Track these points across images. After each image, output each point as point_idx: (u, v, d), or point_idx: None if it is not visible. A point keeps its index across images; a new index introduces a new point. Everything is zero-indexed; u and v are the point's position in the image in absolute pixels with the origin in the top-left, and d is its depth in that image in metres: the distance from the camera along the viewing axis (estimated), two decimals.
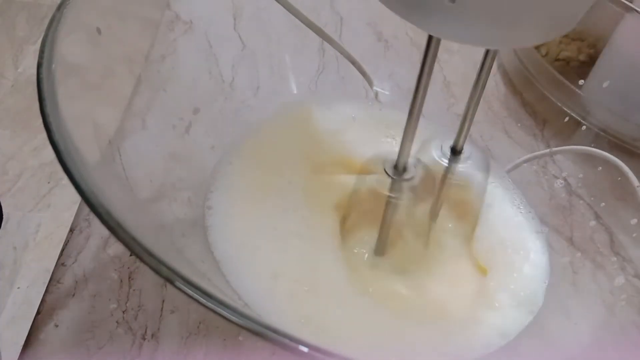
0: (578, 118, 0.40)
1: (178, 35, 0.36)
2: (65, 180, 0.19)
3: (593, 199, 0.35)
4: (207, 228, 0.31)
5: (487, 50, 0.26)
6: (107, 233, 0.30)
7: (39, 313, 0.29)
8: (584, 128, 0.39)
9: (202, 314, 0.29)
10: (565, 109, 0.41)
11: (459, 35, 0.20)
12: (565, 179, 0.37)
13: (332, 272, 0.29)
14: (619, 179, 0.33)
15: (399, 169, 0.27)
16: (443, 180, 0.30)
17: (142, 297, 0.30)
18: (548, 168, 0.38)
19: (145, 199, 0.27)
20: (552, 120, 0.42)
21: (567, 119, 0.40)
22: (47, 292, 0.29)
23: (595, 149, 0.34)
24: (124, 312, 0.29)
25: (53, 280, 0.30)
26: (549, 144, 0.40)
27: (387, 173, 0.27)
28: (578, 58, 0.46)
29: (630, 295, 0.30)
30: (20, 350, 0.27)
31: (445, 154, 0.30)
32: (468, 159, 0.30)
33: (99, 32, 0.26)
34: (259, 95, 0.39)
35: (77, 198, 0.26)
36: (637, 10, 0.38)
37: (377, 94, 0.41)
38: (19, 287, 0.29)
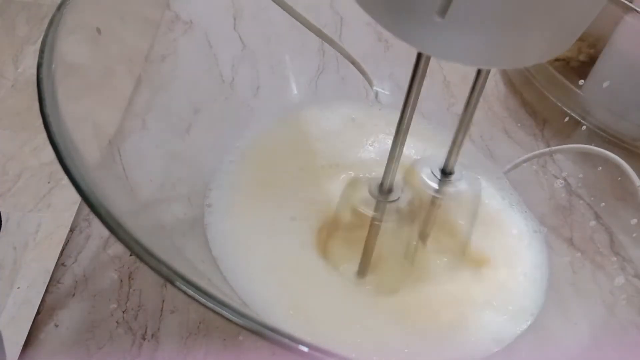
0: (578, 118, 0.40)
1: (178, 35, 0.36)
2: (65, 180, 0.19)
3: (593, 199, 0.35)
4: (206, 226, 0.31)
5: (479, 70, 0.25)
6: (107, 233, 0.30)
7: (39, 313, 0.29)
8: (584, 128, 0.39)
9: (202, 314, 0.29)
10: (565, 109, 0.41)
11: (450, 54, 0.19)
12: (565, 179, 0.37)
13: (320, 282, 0.29)
14: (619, 179, 0.33)
15: (384, 190, 0.27)
16: (433, 202, 0.29)
17: (142, 297, 0.30)
18: (548, 168, 0.38)
19: (145, 199, 0.27)
20: (552, 120, 0.42)
21: (567, 119, 0.40)
22: (47, 292, 0.29)
23: (596, 148, 0.34)
24: (124, 312, 0.29)
25: (53, 280, 0.30)
26: (549, 144, 0.40)
27: (371, 194, 0.27)
28: (578, 58, 0.46)
29: (630, 295, 0.30)
30: (20, 350, 0.27)
31: (436, 176, 0.29)
32: (459, 181, 0.29)
33: (99, 32, 0.26)
34: (259, 95, 0.39)
35: (77, 198, 0.26)
36: (637, 10, 0.38)
37: (377, 94, 0.41)
38: (19, 287, 0.29)
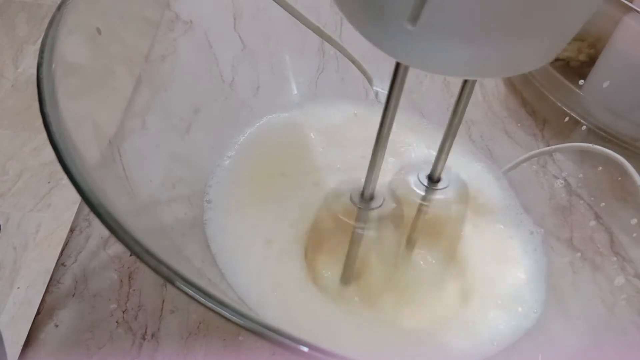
0: (578, 118, 0.40)
1: (178, 35, 0.36)
2: (65, 180, 0.19)
3: (593, 199, 0.35)
4: (205, 223, 0.31)
5: (465, 80, 0.25)
6: (107, 233, 0.30)
7: (39, 313, 0.29)
8: (584, 128, 0.39)
9: (202, 314, 0.29)
10: (565, 109, 0.41)
11: (424, 63, 0.18)
12: (565, 179, 0.37)
13: (306, 289, 0.29)
14: (619, 179, 0.33)
15: (366, 198, 0.26)
16: (419, 209, 0.29)
17: (142, 297, 0.30)
18: (548, 168, 0.38)
19: (145, 199, 0.27)
20: (552, 120, 0.42)
21: (567, 119, 0.40)
22: (47, 292, 0.29)
23: (597, 146, 0.34)
24: (124, 312, 0.29)
25: (53, 280, 0.30)
26: (549, 144, 0.40)
27: (353, 202, 0.27)
28: (578, 58, 0.46)
29: (630, 295, 0.30)
30: (20, 350, 0.27)
31: (422, 183, 0.29)
32: (446, 188, 0.29)
33: (99, 32, 0.26)
34: (259, 95, 0.39)
35: (77, 198, 0.26)
36: (637, 11, 0.38)
37: (377, 94, 0.41)
38: (19, 287, 0.29)
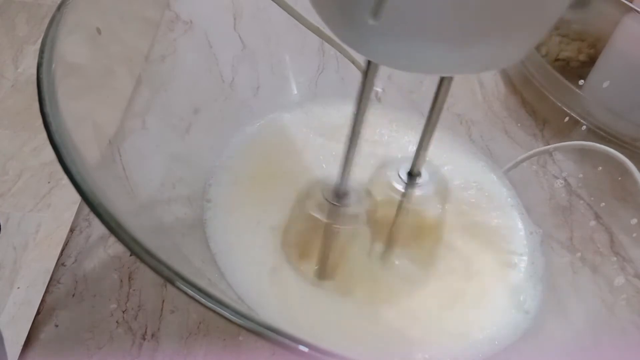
0: (578, 118, 0.40)
1: (178, 35, 0.36)
2: (65, 180, 0.19)
3: (593, 199, 0.35)
4: (205, 222, 0.31)
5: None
6: (107, 233, 0.30)
7: (39, 313, 0.29)
8: (584, 128, 0.39)
9: (202, 314, 0.29)
10: (565, 109, 0.41)
11: (391, 59, 0.18)
12: (565, 179, 0.37)
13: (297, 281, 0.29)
14: (619, 179, 0.33)
15: (339, 195, 0.26)
16: (398, 205, 0.29)
17: (142, 297, 0.30)
18: (548, 168, 0.38)
19: (145, 199, 0.27)
20: (552, 120, 0.42)
21: (567, 119, 0.40)
22: (47, 292, 0.29)
23: (598, 144, 0.34)
24: (124, 312, 0.29)
25: (53, 280, 0.30)
26: (549, 144, 0.40)
27: (326, 199, 0.26)
28: (578, 58, 0.46)
29: (630, 295, 0.30)
30: (20, 350, 0.27)
31: (402, 178, 0.29)
32: (425, 184, 0.29)
33: (99, 32, 0.26)
34: (259, 95, 0.39)
35: (77, 198, 0.26)
36: (637, 11, 0.38)
37: (377, 94, 0.41)
38: (19, 287, 0.29)
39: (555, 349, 0.29)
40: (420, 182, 0.29)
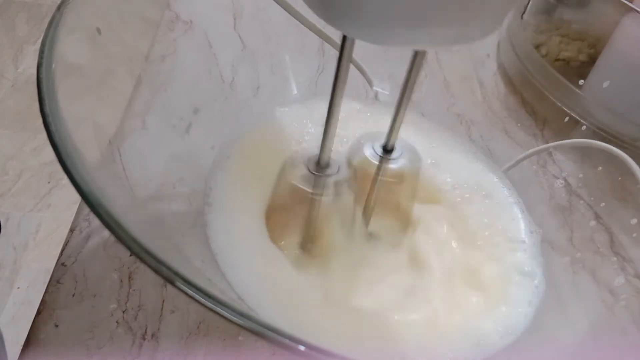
0: (578, 118, 0.40)
1: (178, 35, 0.36)
2: (65, 180, 0.19)
3: (593, 199, 0.35)
4: (206, 223, 0.31)
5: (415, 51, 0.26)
6: (107, 233, 0.30)
7: (39, 313, 0.29)
8: (584, 128, 0.39)
9: (202, 314, 0.29)
10: (565, 109, 0.41)
11: (363, 34, 0.20)
12: (565, 179, 0.37)
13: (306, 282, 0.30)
14: (619, 179, 0.33)
15: (322, 165, 0.28)
16: (375, 178, 0.31)
17: (142, 297, 0.30)
18: (548, 168, 0.38)
19: (145, 199, 0.27)
20: (552, 120, 0.42)
21: (567, 119, 0.41)
22: (47, 292, 0.29)
23: (599, 142, 0.34)
24: (124, 312, 0.29)
25: (53, 280, 0.30)
26: (549, 144, 0.40)
27: (309, 170, 0.28)
28: (578, 58, 0.46)
29: (630, 295, 0.30)
30: (20, 350, 0.27)
31: (377, 153, 0.30)
32: (399, 157, 0.30)
33: (99, 32, 0.26)
34: (259, 95, 0.39)
35: (77, 198, 0.26)
36: (637, 11, 0.38)
37: (377, 94, 0.41)
38: (19, 287, 0.29)
39: (555, 349, 0.29)
40: (394, 156, 0.30)
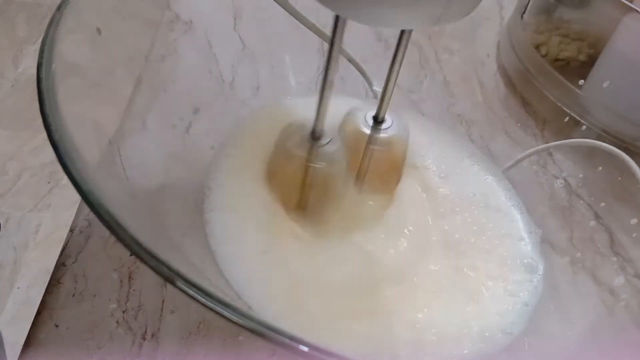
0: (578, 118, 0.40)
1: (178, 35, 0.36)
2: (65, 180, 0.19)
3: (593, 199, 0.35)
4: (205, 223, 0.31)
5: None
6: (107, 233, 0.30)
7: (39, 313, 0.29)
8: (584, 128, 0.39)
9: (202, 314, 0.29)
10: (565, 109, 0.41)
11: (352, 14, 0.22)
12: (565, 179, 0.37)
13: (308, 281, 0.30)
14: (619, 179, 0.33)
15: (316, 135, 0.29)
16: (367, 147, 0.32)
17: (142, 297, 0.30)
18: (548, 168, 0.38)
19: (145, 199, 0.27)
20: (552, 120, 0.42)
21: (567, 119, 0.41)
22: (47, 292, 0.29)
23: (600, 142, 0.34)
24: (124, 312, 0.29)
25: (53, 280, 0.30)
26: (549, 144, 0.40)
27: (304, 138, 0.29)
28: (578, 58, 0.46)
29: (630, 295, 0.30)
30: (20, 350, 0.27)
31: (368, 123, 0.32)
32: (389, 127, 0.32)
33: (99, 32, 0.26)
34: (259, 95, 0.39)
35: (77, 198, 0.26)
36: (637, 10, 0.38)
37: (376, 94, 0.41)
38: (19, 287, 0.29)
39: (555, 349, 0.29)
40: (384, 127, 0.32)
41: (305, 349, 0.16)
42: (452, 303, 0.30)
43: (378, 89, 0.41)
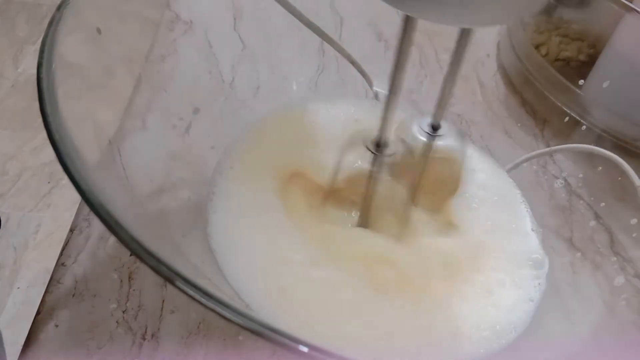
0: (578, 118, 0.40)
1: (178, 35, 0.36)
2: (65, 180, 0.19)
3: (593, 199, 0.35)
4: (206, 224, 0.31)
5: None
6: (107, 233, 0.31)
7: (39, 313, 0.29)
8: (584, 128, 0.39)
9: (202, 314, 0.29)
10: (565, 109, 0.41)
11: (429, 14, 0.21)
12: (565, 179, 0.37)
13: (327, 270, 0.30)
14: (619, 179, 0.33)
15: (381, 146, 0.29)
16: (425, 155, 0.32)
17: (142, 297, 0.30)
18: (548, 168, 0.38)
19: (145, 199, 0.27)
20: (552, 120, 0.42)
21: (567, 119, 0.40)
22: (47, 292, 0.29)
23: (594, 147, 0.34)
24: (124, 312, 0.29)
25: (53, 280, 0.30)
26: (549, 144, 0.40)
27: (369, 150, 0.29)
28: (578, 58, 0.46)
29: (630, 295, 0.30)
30: (20, 350, 0.27)
31: (424, 131, 0.31)
32: (445, 135, 0.32)
33: (99, 32, 0.26)
34: (259, 95, 0.39)
35: (77, 198, 0.26)
36: (637, 10, 0.38)
37: (377, 94, 0.41)
38: (19, 287, 0.29)
39: (555, 349, 0.29)
40: (441, 133, 0.31)
41: (305, 349, 0.16)
42: (452, 303, 0.30)
43: (378, 89, 0.41)
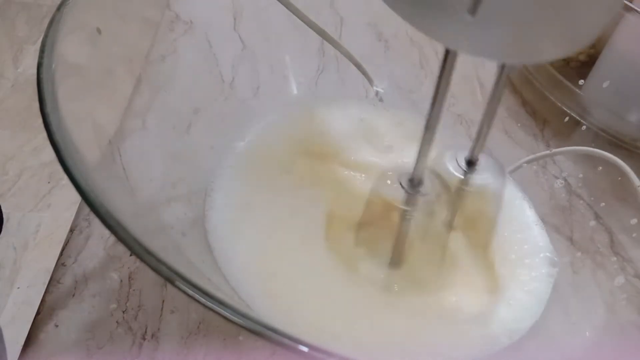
0: (578, 118, 0.40)
1: (178, 35, 0.36)
2: (65, 180, 0.19)
3: (593, 199, 0.35)
4: (206, 223, 0.31)
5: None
6: (107, 233, 0.30)
7: (39, 313, 0.29)
8: (584, 128, 0.39)
9: (202, 314, 0.29)
10: (565, 109, 0.41)
11: (478, 49, 0.19)
12: (565, 179, 0.37)
13: (328, 276, 0.30)
14: (619, 179, 0.33)
15: (415, 183, 0.27)
16: (459, 192, 0.30)
17: (142, 297, 0.30)
18: (548, 168, 0.38)
19: (145, 199, 0.27)
20: (552, 120, 0.42)
21: (567, 119, 0.40)
22: (47, 292, 0.29)
23: (596, 149, 0.34)
24: (124, 312, 0.29)
25: (53, 280, 0.30)
26: (549, 144, 0.40)
27: (402, 186, 0.27)
28: (578, 58, 0.46)
29: (630, 295, 0.30)
30: (20, 350, 0.27)
31: (461, 166, 0.30)
32: (484, 170, 0.30)
33: (99, 32, 0.26)
34: (259, 95, 0.39)
35: (77, 198, 0.26)
36: (637, 10, 0.38)
37: (377, 94, 0.41)
38: (19, 287, 0.29)
39: (556, 349, 0.29)
40: (479, 168, 0.30)
41: (305, 349, 0.16)
42: (452, 304, 0.30)
43: (378, 89, 0.41)
